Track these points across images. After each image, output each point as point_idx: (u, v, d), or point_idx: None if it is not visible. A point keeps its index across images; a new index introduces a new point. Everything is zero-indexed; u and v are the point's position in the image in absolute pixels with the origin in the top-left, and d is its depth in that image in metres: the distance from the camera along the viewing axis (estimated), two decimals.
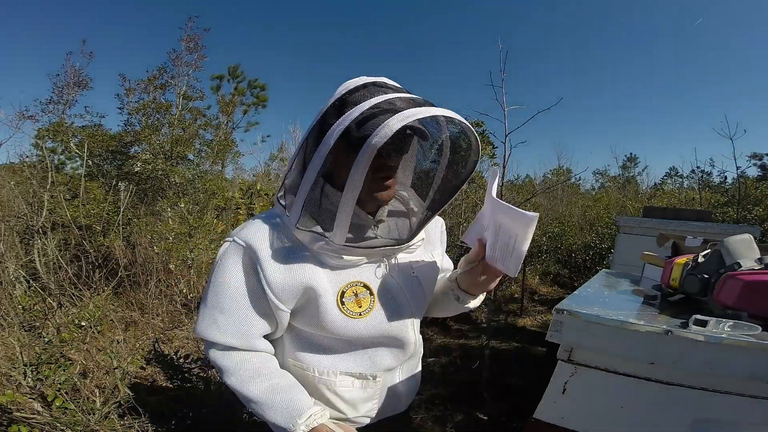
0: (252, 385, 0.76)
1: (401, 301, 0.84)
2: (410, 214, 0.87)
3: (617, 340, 0.84)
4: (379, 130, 0.63)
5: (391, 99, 0.67)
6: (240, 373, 0.77)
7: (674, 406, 0.83)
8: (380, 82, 0.74)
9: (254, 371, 0.78)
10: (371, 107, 0.66)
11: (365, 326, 0.79)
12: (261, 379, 0.77)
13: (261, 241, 0.74)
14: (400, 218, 0.86)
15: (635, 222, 3.52)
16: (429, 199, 0.85)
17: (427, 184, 0.85)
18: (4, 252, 2.93)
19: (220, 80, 10.19)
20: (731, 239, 0.98)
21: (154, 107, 6.47)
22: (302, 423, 0.72)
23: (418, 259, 0.89)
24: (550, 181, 10.36)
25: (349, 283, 0.78)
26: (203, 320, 0.78)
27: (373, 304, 0.80)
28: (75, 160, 6.80)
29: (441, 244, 1.00)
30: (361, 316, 0.78)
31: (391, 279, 0.83)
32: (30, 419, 1.54)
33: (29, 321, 2.21)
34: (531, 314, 4.59)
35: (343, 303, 0.77)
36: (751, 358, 0.74)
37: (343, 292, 0.78)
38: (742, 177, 6.33)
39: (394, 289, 0.83)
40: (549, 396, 0.93)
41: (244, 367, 0.78)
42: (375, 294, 0.80)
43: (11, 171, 4.75)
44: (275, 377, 0.79)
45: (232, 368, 0.78)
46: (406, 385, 0.94)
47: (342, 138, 0.67)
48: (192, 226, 4.03)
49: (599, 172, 14.47)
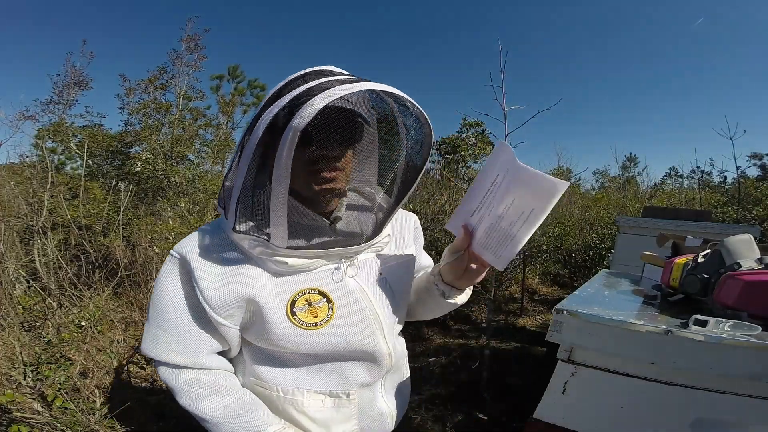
0: (204, 404, 0.69)
1: (365, 307, 0.74)
2: (375, 209, 0.78)
3: (617, 340, 0.84)
4: (301, 110, 0.56)
5: (328, 81, 0.60)
6: (192, 393, 0.71)
7: (674, 406, 0.83)
8: (325, 70, 0.66)
9: (208, 390, 0.71)
10: (303, 92, 0.58)
11: (324, 339, 0.70)
12: (215, 398, 0.70)
13: (196, 252, 0.68)
14: (363, 214, 0.77)
15: (635, 222, 3.52)
16: (389, 189, 0.78)
17: (385, 172, 0.77)
18: (4, 252, 2.93)
19: (220, 80, 10.19)
20: (731, 239, 0.98)
21: (154, 107, 6.48)
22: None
23: (387, 258, 0.81)
24: None
25: (300, 291, 0.70)
26: (146, 338, 0.72)
27: (331, 313, 0.71)
28: (75, 160, 6.81)
29: (416, 240, 0.92)
30: (317, 327, 0.69)
31: (354, 283, 0.74)
32: (30, 419, 1.54)
33: (29, 321, 2.21)
34: (531, 314, 4.59)
35: (293, 314, 0.69)
36: (751, 358, 0.75)
37: (293, 301, 0.69)
38: (742, 177, 6.34)
39: (357, 294, 0.74)
40: (549, 396, 0.93)
41: (195, 385, 0.71)
42: (333, 301, 0.71)
43: (11, 171, 4.75)
44: (231, 395, 0.72)
45: (183, 387, 0.71)
46: (390, 403, 0.84)
47: (272, 128, 0.60)
48: (192, 226, 4.02)
49: (599, 172, 14.50)
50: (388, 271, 0.80)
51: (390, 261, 0.81)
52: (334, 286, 0.72)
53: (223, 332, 0.71)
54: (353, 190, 0.80)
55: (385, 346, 0.77)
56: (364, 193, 0.80)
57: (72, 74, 7.51)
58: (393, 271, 0.81)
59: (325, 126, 0.60)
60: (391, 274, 0.80)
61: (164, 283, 0.70)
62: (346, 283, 0.73)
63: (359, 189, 0.80)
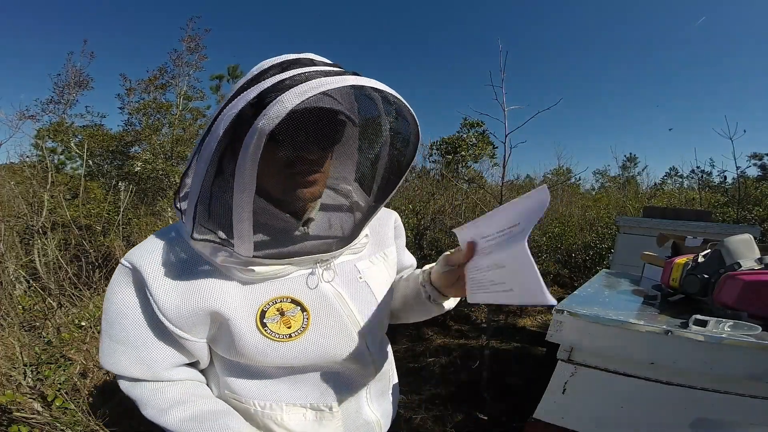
0: (170, 414, 0.63)
1: (344, 314, 0.68)
2: (353, 209, 0.71)
3: (617, 340, 0.84)
4: (269, 109, 0.48)
5: (304, 72, 0.52)
6: (156, 404, 0.65)
7: (674, 406, 0.83)
8: (303, 58, 0.58)
9: (173, 400, 0.65)
10: (273, 85, 0.51)
11: (299, 351, 0.64)
12: (181, 408, 0.64)
13: (149, 261, 0.61)
14: (339, 214, 0.70)
15: (635, 222, 3.52)
16: (369, 188, 0.70)
17: (366, 171, 0.70)
18: (4, 252, 2.93)
19: (219, 80, 10.20)
20: (731, 239, 0.98)
21: (154, 107, 6.48)
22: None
23: (366, 261, 0.75)
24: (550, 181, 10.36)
25: (271, 300, 0.63)
26: (102, 351, 0.65)
27: (306, 323, 0.65)
28: (75, 160, 6.81)
29: (397, 239, 0.86)
30: (291, 338, 0.63)
31: (330, 288, 0.68)
32: (30, 419, 1.54)
33: (29, 321, 2.21)
34: (531, 314, 4.59)
35: (264, 325, 0.62)
36: (751, 358, 0.75)
37: (263, 311, 0.63)
38: (742, 177, 6.34)
39: (334, 301, 0.68)
40: (549, 396, 0.93)
41: (160, 396, 0.65)
42: (308, 309, 0.65)
43: (11, 171, 4.75)
44: (199, 404, 0.66)
45: (147, 399, 0.65)
46: (377, 412, 0.79)
47: (236, 125, 0.52)
48: None
49: (599, 172, 14.51)
50: (368, 273, 0.74)
51: (370, 263, 0.76)
52: (309, 292, 0.66)
53: (187, 346, 0.65)
54: (328, 186, 0.71)
55: (368, 354, 0.73)
56: (339, 191, 0.72)
57: (72, 74, 7.52)
58: (373, 273, 0.75)
59: (299, 127, 0.52)
60: (372, 277, 0.75)
61: (116, 295, 0.63)
62: (322, 289, 0.67)
63: (334, 186, 0.72)
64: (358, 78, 0.52)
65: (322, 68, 0.54)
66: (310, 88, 0.48)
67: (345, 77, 0.51)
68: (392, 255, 0.83)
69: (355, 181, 0.72)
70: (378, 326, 0.76)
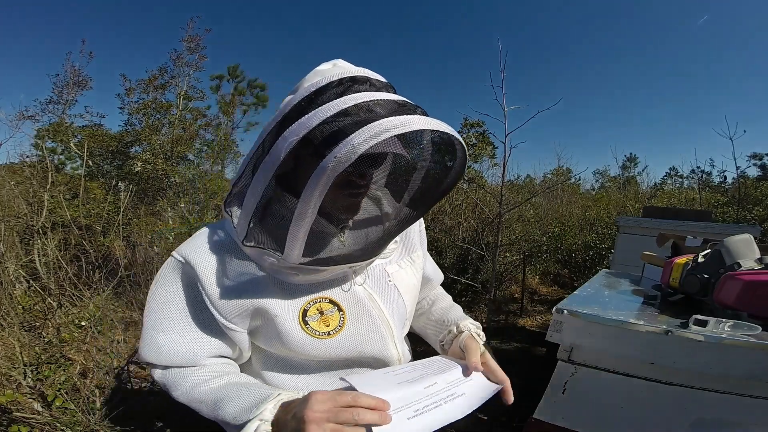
0: (202, 387, 0.65)
1: (375, 314, 0.74)
2: (384, 218, 0.75)
3: (617, 340, 0.84)
4: (338, 150, 0.50)
5: (367, 102, 0.55)
6: (186, 383, 0.67)
7: (674, 406, 0.83)
8: (360, 76, 0.60)
9: (204, 377, 0.67)
10: (337, 113, 0.53)
11: (337, 346, 0.70)
12: (214, 380, 0.66)
13: (202, 257, 0.66)
14: (371, 225, 0.75)
15: (635, 222, 3.53)
16: (405, 207, 0.74)
17: (404, 189, 0.74)
18: (4, 252, 2.93)
19: (220, 80, 10.20)
20: (731, 239, 0.98)
21: (154, 107, 6.48)
22: (269, 403, 0.58)
23: (395, 264, 0.81)
24: (550, 181, 10.36)
25: (311, 300, 0.69)
26: (144, 343, 0.68)
27: (343, 322, 0.70)
28: (75, 160, 6.81)
29: (421, 245, 0.90)
30: (329, 335, 0.69)
31: (363, 290, 0.74)
32: (30, 419, 1.54)
33: (29, 321, 2.21)
34: (531, 314, 4.59)
35: (306, 323, 0.68)
36: (751, 358, 0.75)
37: (305, 310, 0.68)
38: (742, 177, 6.34)
39: (367, 302, 0.73)
40: (549, 396, 0.93)
41: (191, 377, 0.68)
42: (344, 310, 0.71)
43: (11, 171, 4.75)
44: (230, 377, 0.68)
45: (179, 380, 0.68)
46: None
47: (301, 152, 0.57)
48: (192, 226, 4.02)
49: (599, 172, 14.51)
50: (397, 276, 0.80)
51: (398, 266, 0.81)
52: (344, 294, 0.72)
53: (232, 336, 0.69)
54: (368, 197, 0.76)
55: (395, 352, 0.77)
56: (378, 201, 0.77)
57: (72, 74, 7.52)
58: (401, 276, 0.81)
59: (359, 163, 0.54)
60: (400, 281, 0.80)
61: (164, 285, 0.68)
62: (356, 291, 0.73)
63: (375, 196, 0.77)
64: (425, 120, 0.54)
65: (382, 97, 0.56)
66: (381, 131, 0.50)
67: (411, 119, 0.52)
68: (419, 259, 0.87)
69: (391, 194, 0.76)
70: (404, 326, 0.81)
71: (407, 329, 0.86)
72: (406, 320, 0.82)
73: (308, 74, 0.65)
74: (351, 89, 0.58)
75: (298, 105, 0.58)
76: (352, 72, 0.60)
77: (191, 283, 0.67)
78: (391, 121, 0.51)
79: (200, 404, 0.65)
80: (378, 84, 0.62)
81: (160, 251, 3.61)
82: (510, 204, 5.03)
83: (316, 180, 0.52)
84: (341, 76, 0.59)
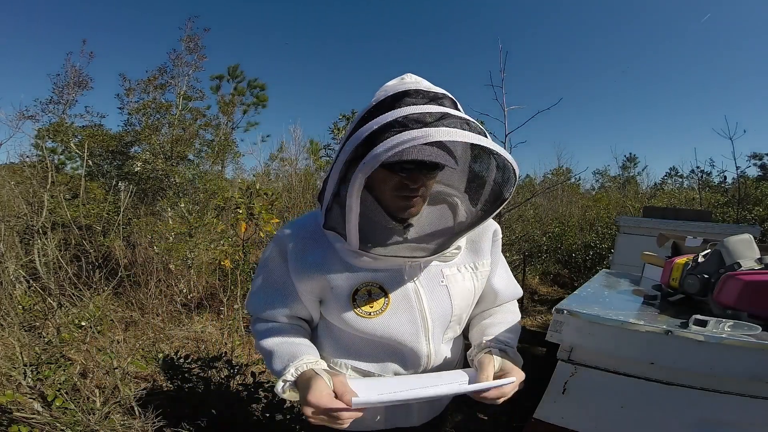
0: (269, 340, 0.83)
1: (416, 308, 0.81)
2: (454, 221, 0.82)
3: (617, 340, 0.84)
4: (366, 158, 0.62)
5: (408, 116, 0.64)
6: (260, 334, 0.86)
7: (674, 406, 0.83)
8: (414, 89, 0.70)
9: (275, 330, 0.85)
10: (384, 125, 0.64)
11: (374, 328, 0.80)
12: (279, 336, 0.83)
13: (292, 234, 0.82)
14: (438, 225, 0.82)
15: (635, 222, 3.53)
16: (470, 208, 0.81)
17: (464, 196, 0.82)
18: (4, 252, 2.93)
19: (219, 80, 10.20)
20: (731, 239, 0.98)
21: (154, 107, 6.48)
22: (292, 367, 0.75)
23: (454, 268, 0.85)
24: (550, 181, 10.36)
25: (364, 282, 0.79)
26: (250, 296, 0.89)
27: (385, 307, 0.80)
28: (75, 160, 6.81)
29: (492, 255, 0.91)
30: (370, 316, 0.79)
31: (412, 285, 0.81)
32: (30, 419, 1.54)
33: (29, 321, 2.21)
34: (531, 314, 4.59)
35: (355, 300, 0.79)
36: (751, 358, 0.74)
37: (357, 290, 0.79)
38: (742, 177, 6.34)
39: (412, 295, 0.81)
40: (549, 396, 0.93)
41: (264, 330, 0.86)
42: (390, 297, 0.80)
43: (11, 171, 4.75)
44: (292, 337, 0.84)
45: (258, 330, 0.87)
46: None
47: (352, 157, 0.67)
48: (192, 226, 4.02)
49: (599, 172, 14.51)
50: (452, 279, 0.84)
51: (457, 270, 0.85)
52: (394, 284, 0.80)
53: (304, 300, 0.84)
54: (437, 194, 0.84)
55: (426, 348, 0.83)
56: (447, 201, 0.84)
57: (72, 74, 7.53)
58: (457, 280, 0.84)
59: (405, 164, 0.68)
60: (454, 284, 0.84)
61: (266, 253, 0.86)
62: (405, 284, 0.81)
63: (443, 195, 0.84)
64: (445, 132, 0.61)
65: (422, 110, 0.64)
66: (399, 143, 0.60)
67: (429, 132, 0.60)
68: (484, 267, 0.89)
69: (463, 191, 0.83)
70: (446, 327, 0.86)
71: (453, 331, 0.89)
72: (451, 321, 0.86)
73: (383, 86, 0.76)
74: (403, 102, 0.68)
75: (363, 116, 0.70)
76: (406, 87, 0.70)
77: (283, 254, 0.82)
78: (411, 133, 0.60)
79: (263, 354, 0.84)
80: (430, 95, 0.70)
81: (160, 251, 3.61)
82: (510, 204, 5.03)
83: (353, 181, 0.64)
84: (396, 90, 0.70)
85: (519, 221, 5.97)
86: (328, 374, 0.73)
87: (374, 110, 0.69)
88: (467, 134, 0.62)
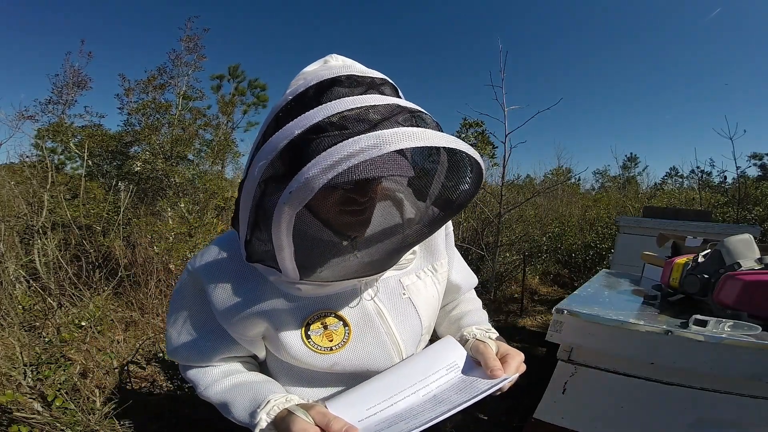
0: (212, 389, 0.70)
1: (383, 331, 0.70)
2: (403, 229, 0.64)
3: (617, 340, 0.84)
4: (293, 184, 0.43)
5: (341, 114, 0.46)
6: (201, 383, 0.72)
7: (674, 406, 0.83)
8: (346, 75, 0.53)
9: (214, 377, 0.71)
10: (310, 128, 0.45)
11: (337, 363, 0.67)
12: (220, 382, 0.70)
13: (209, 269, 0.66)
14: (386, 236, 0.64)
15: (635, 222, 3.53)
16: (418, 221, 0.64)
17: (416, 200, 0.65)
18: (4, 252, 2.93)
19: (220, 80, 10.20)
20: (731, 239, 0.98)
21: (153, 107, 6.47)
22: (263, 412, 0.61)
23: (413, 275, 0.74)
24: (550, 181, 10.36)
25: (316, 313, 0.66)
26: (167, 343, 0.74)
27: (347, 337, 0.67)
28: (75, 160, 6.81)
29: (447, 250, 0.82)
30: (332, 351, 0.66)
31: (372, 305, 0.69)
32: (30, 419, 1.54)
33: (29, 321, 2.21)
34: (531, 314, 4.58)
35: (308, 337, 0.65)
36: (751, 358, 0.75)
37: (308, 324, 0.66)
38: (742, 177, 6.34)
39: (375, 318, 0.69)
40: (549, 396, 0.93)
41: (204, 377, 0.72)
42: (350, 325, 0.67)
43: (11, 171, 4.75)
44: (241, 375, 0.71)
45: (198, 378, 0.73)
46: None
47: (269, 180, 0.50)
48: (192, 226, 4.02)
49: (599, 172, 14.53)
50: (413, 289, 0.73)
51: (416, 277, 0.75)
52: (351, 309, 0.68)
53: (242, 343, 0.71)
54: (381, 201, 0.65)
55: None
56: (393, 209, 0.66)
57: (71, 74, 7.53)
58: (419, 288, 0.74)
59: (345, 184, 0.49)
60: (417, 293, 0.74)
61: (179, 294, 0.72)
62: (364, 305, 0.69)
63: (390, 203, 0.66)
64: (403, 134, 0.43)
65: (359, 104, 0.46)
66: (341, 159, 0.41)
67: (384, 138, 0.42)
68: (443, 267, 0.80)
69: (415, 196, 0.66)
70: (417, 343, 0.76)
71: (424, 342, 0.80)
72: (422, 336, 0.76)
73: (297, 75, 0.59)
74: (333, 93, 0.51)
75: (276, 117, 0.53)
76: (333, 73, 0.53)
77: (201, 293, 0.68)
78: (358, 141, 0.41)
79: (216, 405, 0.70)
80: (367, 81, 0.54)
81: (160, 251, 3.61)
82: (510, 204, 5.03)
83: (278, 216, 0.46)
84: (320, 79, 0.52)
85: (519, 221, 5.97)
86: (303, 409, 0.60)
87: (292, 106, 0.52)
88: (436, 135, 0.46)
